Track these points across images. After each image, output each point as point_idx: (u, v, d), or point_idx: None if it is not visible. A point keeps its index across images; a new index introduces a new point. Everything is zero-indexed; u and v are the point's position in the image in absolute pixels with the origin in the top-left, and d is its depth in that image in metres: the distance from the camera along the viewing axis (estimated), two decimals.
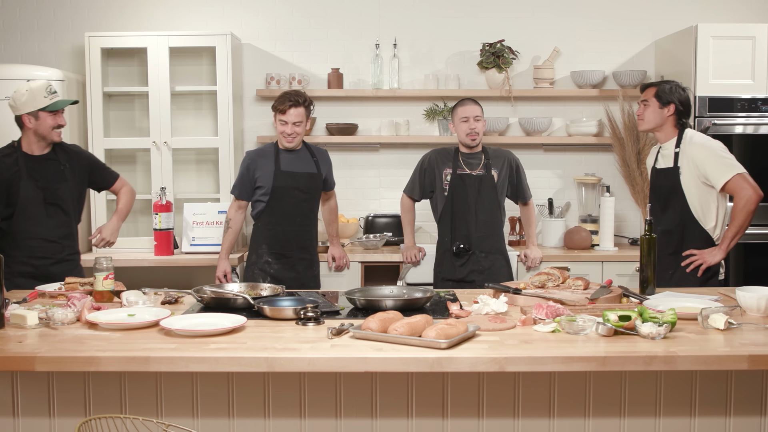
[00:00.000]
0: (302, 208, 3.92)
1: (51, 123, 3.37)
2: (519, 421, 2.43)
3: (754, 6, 4.94)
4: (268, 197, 3.88)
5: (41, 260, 3.40)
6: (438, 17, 4.97)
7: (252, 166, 3.90)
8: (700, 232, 3.47)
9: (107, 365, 2.19)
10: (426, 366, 2.18)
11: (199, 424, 2.42)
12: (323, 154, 4.05)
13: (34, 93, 3.33)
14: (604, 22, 4.98)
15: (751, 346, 2.27)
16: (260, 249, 3.94)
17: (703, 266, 3.42)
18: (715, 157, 3.40)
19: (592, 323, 2.41)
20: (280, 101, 3.80)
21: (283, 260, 3.92)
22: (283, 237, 3.91)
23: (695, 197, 3.46)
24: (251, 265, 3.96)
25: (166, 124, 4.59)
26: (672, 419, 2.43)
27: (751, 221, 3.42)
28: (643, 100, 3.56)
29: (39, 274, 3.37)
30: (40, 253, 3.40)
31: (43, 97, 3.33)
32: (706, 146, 3.44)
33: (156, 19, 4.93)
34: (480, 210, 3.95)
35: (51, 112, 3.36)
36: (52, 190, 3.42)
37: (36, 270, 3.38)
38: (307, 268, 3.97)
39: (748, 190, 3.35)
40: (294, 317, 2.62)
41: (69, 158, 3.51)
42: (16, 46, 4.94)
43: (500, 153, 4.05)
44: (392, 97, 4.94)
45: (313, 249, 4.01)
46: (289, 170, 3.89)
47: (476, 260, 3.96)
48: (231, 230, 3.99)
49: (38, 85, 3.36)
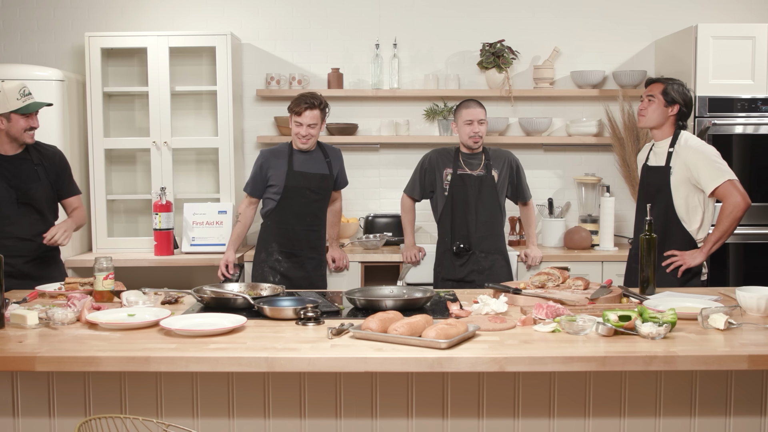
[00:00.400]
0: (313, 208, 3.94)
1: (23, 125, 3.32)
2: (519, 421, 2.43)
3: (754, 6, 4.94)
4: (279, 196, 3.90)
5: (16, 258, 3.36)
6: (438, 17, 4.97)
7: (265, 165, 3.92)
8: (681, 233, 3.48)
9: (107, 365, 2.19)
10: (426, 366, 2.18)
11: (199, 424, 2.42)
12: (336, 153, 4.06)
13: (6, 94, 3.27)
14: (604, 22, 4.98)
15: (751, 346, 2.27)
16: (270, 247, 3.95)
17: (682, 267, 3.43)
18: (708, 161, 3.40)
19: (592, 323, 2.41)
20: (296, 103, 3.82)
21: (293, 259, 3.93)
22: (293, 236, 3.92)
23: (682, 198, 3.46)
24: (260, 263, 3.97)
25: (166, 124, 4.59)
26: (672, 419, 2.43)
27: (735, 228, 3.42)
28: (648, 95, 3.54)
29: (16, 272, 3.34)
30: (14, 252, 3.36)
31: (16, 99, 3.28)
32: (701, 150, 3.44)
33: (156, 19, 4.93)
34: (480, 210, 3.95)
35: (24, 114, 3.31)
36: (24, 190, 3.38)
37: (12, 268, 3.33)
38: (316, 267, 3.98)
39: (737, 197, 3.35)
40: (294, 317, 2.62)
41: (42, 158, 3.47)
42: (16, 46, 4.94)
43: (500, 153, 4.05)
44: (392, 97, 4.94)
45: (321, 248, 4.03)
46: (302, 170, 3.90)
47: (476, 260, 3.96)
48: (240, 223, 4.01)
49: (11, 87, 3.30)
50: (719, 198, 3.41)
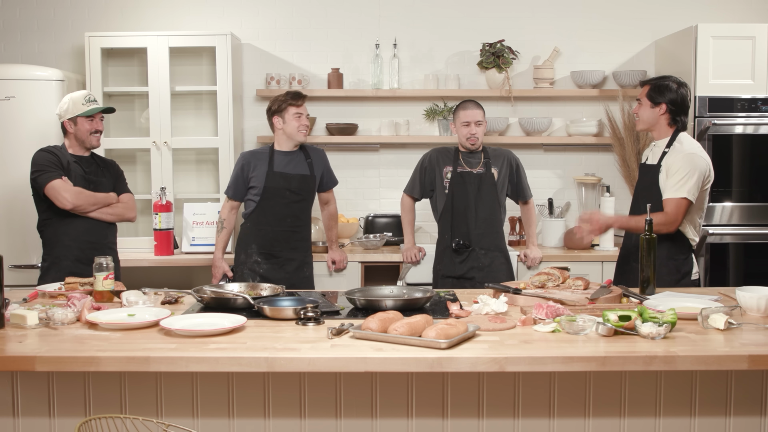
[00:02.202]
0: (293, 209, 3.94)
1: (88, 128, 3.65)
2: (519, 421, 2.43)
3: (754, 6, 4.94)
4: (260, 197, 3.90)
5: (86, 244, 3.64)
6: (438, 17, 4.97)
7: (247, 167, 3.93)
8: (667, 234, 3.39)
9: (107, 365, 2.20)
10: (426, 366, 2.18)
11: (199, 424, 2.42)
12: (318, 153, 4.06)
13: (74, 101, 3.65)
14: (604, 22, 4.98)
15: (751, 346, 2.27)
16: (249, 249, 3.95)
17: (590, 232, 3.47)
18: (682, 173, 3.32)
19: (592, 323, 2.41)
20: (292, 96, 3.90)
21: (272, 260, 3.93)
22: (272, 237, 3.92)
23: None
24: (240, 265, 3.97)
25: (166, 124, 4.60)
26: (672, 419, 2.43)
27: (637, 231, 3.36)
28: (637, 98, 3.54)
29: (86, 258, 3.51)
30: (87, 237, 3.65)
31: (82, 104, 3.65)
32: (685, 159, 3.34)
33: (156, 19, 4.93)
34: (480, 207, 3.96)
35: (88, 117, 3.64)
36: (96, 183, 3.70)
37: (83, 254, 3.60)
38: (297, 269, 3.97)
39: (671, 216, 3.30)
40: (294, 317, 2.62)
41: (105, 164, 3.83)
42: (16, 46, 4.94)
43: (500, 152, 4.06)
44: (392, 97, 4.94)
45: (304, 251, 4.01)
46: (282, 171, 3.91)
47: (476, 257, 3.96)
48: (226, 230, 4.02)
49: (78, 95, 3.68)
50: (664, 206, 3.34)
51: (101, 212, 3.67)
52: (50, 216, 3.62)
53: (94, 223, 3.65)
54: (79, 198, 3.56)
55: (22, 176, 4.30)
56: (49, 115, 4.29)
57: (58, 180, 3.53)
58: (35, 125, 4.34)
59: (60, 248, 3.63)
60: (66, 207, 3.54)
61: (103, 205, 3.67)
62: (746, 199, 4.44)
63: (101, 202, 3.66)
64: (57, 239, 3.63)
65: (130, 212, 3.81)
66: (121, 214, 3.75)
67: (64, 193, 3.53)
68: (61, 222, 3.61)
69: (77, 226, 3.62)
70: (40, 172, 3.55)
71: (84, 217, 3.62)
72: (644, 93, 3.49)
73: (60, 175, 3.55)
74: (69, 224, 3.61)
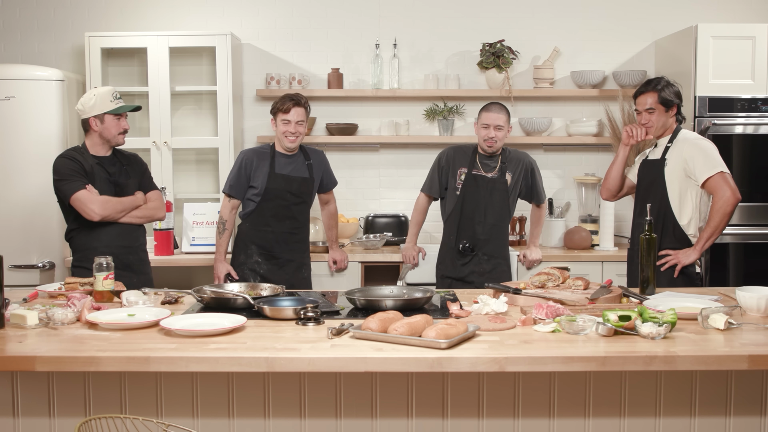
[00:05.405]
0: (293, 212, 3.93)
1: (116, 126, 3.52)
2: (519, 421, 2.43)
3: (754, 6, 4.94)
4: (260, 198, 3.89)
5: (119, 249, 3.51)
6: (438, 17, 4.97)
7: (249, 166, 3.91)
8: (674, 228, 3.51)
9: (107, 365, 2.19)
10: (426, 366, 2.18)
11: (199, 424, 2.42)
12: (318, 155, 4.05)
13: (101, 97, 3.49)
14: (604, 22, 4.98)
15: (751, 346, 2.27)
16: (249, 249, 3.94)
17: (678, 266, 3.45)
18: (703, 153, 3.45)
19: (592, 323, 2.41)
20: (282, 101, 3.83)
21: (272, 261, 3.93)
22: (272, 238, 3.92)
23: (676, 191, 3.50)
24: (240, 265, 3.96)
25: (166, 124, 4.60)
26: (672, 419, 2.43)
27: (727, 223, 3.43)
28: (647, 109, 3.56)
29: (120, 264, 3.40)
30: (119, 242, 3.54)
31: (109, 102, 3.49)
32: (698, 143, 3.50)
33: (156, 19, 4.93)
34: (489, 213, 3.94)
35: (115, 115, 3.51)
36: (122, 186, 3.57)
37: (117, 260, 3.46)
38: (296, 270, 3.97)
39: (727, 191, 3.38)
40: (294, 317, 2.62)
41: (129, 161, 3.67)
42: (16, 46, 4.94)
43: (518, 156, 4.02)
44: (392, 97, 4.94)
45: (303, 252, 4.01)
46: (283, 173, 3.90)
47: (478, 262, 3.96)
48: (227, 232, 3.98)
49: (104, 91, 3.52)
50: (710, 191, 3.45)
51: (130, 216, 3.55)
52: (78, 225, 3.51)
53: (123, 226, 3.55)
54: (106, 208, 3.44)
55: (22, 176, 4.31)
56: (49, 115, 4.30)
57: (83, 191, 3.40)
58: (35, 125, 4.34)
59: (94, 254, 3.42)
60: (94, 219, 3.43)
61: (131, 209, 3.56)
62: (746, 199, 4.43)
63: (129, 206, 3.54)
64: (89, 245, 3.50)
65: (160, 212, 3.70)
66: (150, 216, 3.65)
67: (91, 205, 3.41)
68: (91, 231, 3.50)
69: (109, 232, 3.51)
70: (64, 181, 3.43)
71: (113, 223, 3.51)
72: (654, 101, 3.53)
73: (84, 184, 3.42)
74: (100, 231, 3.49)
